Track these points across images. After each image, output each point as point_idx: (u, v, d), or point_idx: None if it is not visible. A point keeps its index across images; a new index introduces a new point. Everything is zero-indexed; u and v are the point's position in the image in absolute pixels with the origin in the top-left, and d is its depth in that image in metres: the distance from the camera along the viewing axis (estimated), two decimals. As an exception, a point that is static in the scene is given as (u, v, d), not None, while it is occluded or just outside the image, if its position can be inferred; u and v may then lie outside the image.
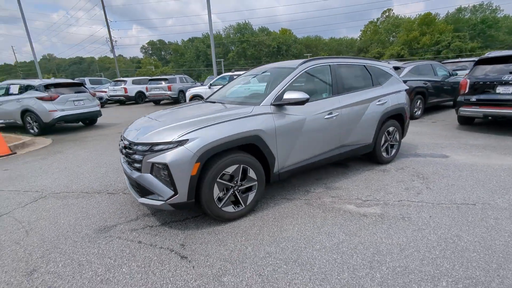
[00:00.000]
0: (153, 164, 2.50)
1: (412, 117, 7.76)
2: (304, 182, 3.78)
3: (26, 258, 2.39)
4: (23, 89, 8.75)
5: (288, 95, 2.98)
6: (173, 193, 2.50)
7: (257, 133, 2.80)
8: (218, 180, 2.64)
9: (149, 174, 2.56)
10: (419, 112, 7.86)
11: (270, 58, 54.90)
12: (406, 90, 4.52)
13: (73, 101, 8.83)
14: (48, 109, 8.26)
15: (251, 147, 2.87)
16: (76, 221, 2.99)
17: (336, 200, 3.19)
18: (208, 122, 2.68)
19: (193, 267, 2.18)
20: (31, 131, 8.57)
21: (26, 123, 8.63)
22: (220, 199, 2.72)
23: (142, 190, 2.66)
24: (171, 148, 2.48)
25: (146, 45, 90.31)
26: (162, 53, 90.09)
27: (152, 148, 2.52)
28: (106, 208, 3.24)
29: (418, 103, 7.75)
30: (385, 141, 4.23)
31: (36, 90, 8.48)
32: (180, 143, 2.48)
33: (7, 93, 8.97)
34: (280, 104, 3.01)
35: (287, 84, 3.18)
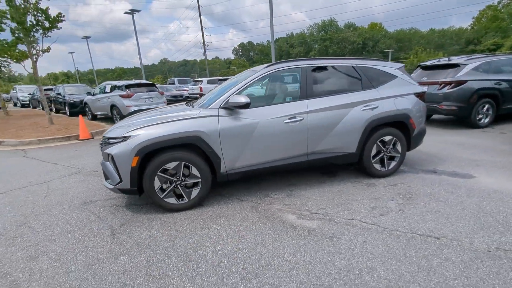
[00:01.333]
0: (107, 154, 2.98)
1: (475, 125, 6.21)
2: (271, 185, 3.67)
3: (27, 214, 3.22)
4: (113, 88, 10.98)
5: (233, 99, 3.00)
6: (119, 180, 2.93)
7: (197, 134, 2.94)
8: (158, 173, 2.92)
9: (107, 162, 3.05)
10: (486, 120, 6.23)
11: (354, 55, 51.12)
12: (419, 93, 3.78)
13: (145, 98, 10.56)
14: (125, 104, 10.15)
15: (197, 146, 3.04)
16: (77, 194, 3.78)
17: (285, 208, 3.04)
18: (155, 122, 2.99)
19: (112, 243, 2.55)
20: (115, 121, 10.67)
21: (113, 115, 10.85)
22: (163, 191, 3.00)
23: (104, 175, 3.19)
24: (117, 142, 2.90)
25: (237, 47, 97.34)
26: (250, 54, 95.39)
27: (108, 141, 3.00)
28: (103, 187, 3.96)
29: (485, 108, 6.15)
30: (379, 152, 3.66)
31: (120, 89, 10.53)
32: (124, 138, 2.88)
33: (103, 91, 11.42)
34: (227, 108, 3.06)
35: (240, 89, 3.18)
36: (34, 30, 8.51)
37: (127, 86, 10.51)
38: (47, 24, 8.88)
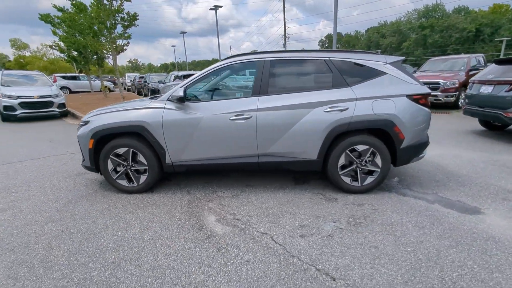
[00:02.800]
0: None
1: None
2: (229, 183, 3.52)
3: (38, 177, 4.03)
4: (175, 78, 12.27)
5: (175, 93, 2.99)
6: (83, 158, 3.34)
7: (141, 124, 3.06)
8: (111, 156, 3.20)
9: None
10: None
11: (461, 46, 41.78)
12: (416, 95, 2.93)
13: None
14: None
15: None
16: (79, 168, 4.45)
17: (216, 208, 2.90)
18: (114, 110, 3.26)
19: (58, 210, 2.96)
20: None
21: None
22: (117, 172, 3.28)
23: (82, 153, 3.69)
24: (82, 125, 3.30)
25: (323, 38, 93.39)
26: (338, 46, 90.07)
27: (81, 124, 3.44)
28: (104, 163, 4.56)
29: None
30: (351, 163, 3.04)
31: (179, 79, 11.68)
32: (86, 122, 3.25)
33: (170, 80, 12.82)
34: (172, 101, 3.06)
35: (190, 82, 3.11)
36: (115, 28, 10.21)
37: (185, 76, 11.56)
38: (126, 23, 10.53)
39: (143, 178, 3.26)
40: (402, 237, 2.28)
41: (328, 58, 3.04)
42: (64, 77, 22.52)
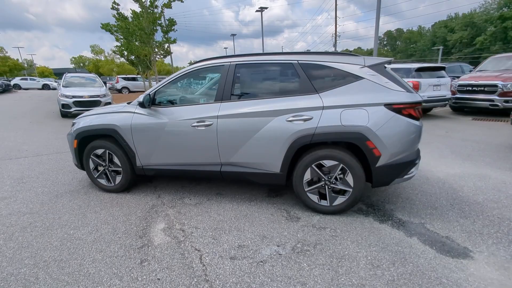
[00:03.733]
0: (69, 134, 3.71)
1: None
2: (201, 190, 3.43)
3: (50, 170, 4.50)
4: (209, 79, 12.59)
5: (138, 98, 3.00)
6: (72, 157, 3.61)
7: (113, 127, 3.16)
8: (91, 156, 3.39)
9: (75, 141, 3.80)
10: None
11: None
12: (398, 104, 2.43)
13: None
14: None
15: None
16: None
17: (172, 216, 2.83)
18: (92, 113, 3.44)
19: (40, 202, 3.25)
20: None
21: None
22: (98, 171, 3.47)
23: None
24: (71, 126, 3.56)
25: (382, 36, 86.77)
26: (398, 43, 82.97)
27: (72, 124, 3.70)
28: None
29: None
30: (319, 180, 2.67)
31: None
32: (73, 124, 3.49)
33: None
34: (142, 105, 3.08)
35: (159, 87, 3.09)
36: (153, 34, 11.01)
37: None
38: (165, 29, 11.26)
39: (118, 179, 3.38)
40: (342, 276, 1.89)
41: (296, 61, 2.71)
42: (124, 78, 25.24)
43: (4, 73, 50.37)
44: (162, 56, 15.79)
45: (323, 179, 2.65)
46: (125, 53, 16.39)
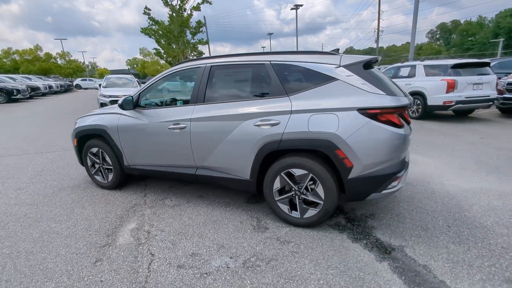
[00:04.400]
0: (75, 133, 3.97)
1: None
2: (184, 192, 3.42)
3: (68, 165, 4.91)
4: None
5: (120, 100, 3.09)
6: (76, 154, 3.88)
7: (103, 127, 3.31)
8: (88, 154, 3.60)
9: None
10: None
11: None
12: (374, 109, 2.11)
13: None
14: None
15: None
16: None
17: (147, 215, 2.86)
18: (91, 114, 3.63)
19: (36, 193, 3.54)
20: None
21: None
22: (95, 168, 3.67)
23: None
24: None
25: (434, 29, 79.29)
26: (453, 36, 74.99)
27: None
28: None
29: None
30: (290, 190, 2.46)
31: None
32: (75, 123, 3.73)
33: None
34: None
35: (143, 89, 3.13)
36: (181, 37, 11.43)
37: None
38: (193, 31, 11.62)
39: (110, 176, 3.54)
40: (281, 299, 1.71)
41: (268, 62, 2.52)
42: (164, 79, 26.77)
43: (70, 74, 56.96)
44: (195, 57, 16.39)
45: (293, 189, 2.44)
46: (164, 55, 17.38)
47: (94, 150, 3.51)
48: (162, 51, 16.31)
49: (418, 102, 7.55)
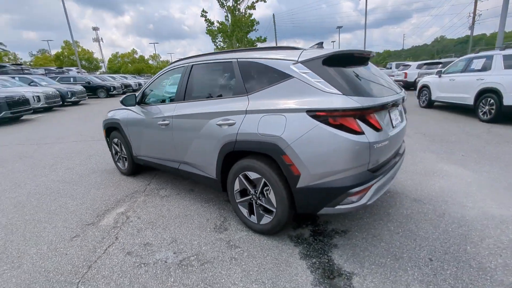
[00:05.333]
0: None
1: None
2: (178, 184, 3.60)
3: (97, 153, 5.71)
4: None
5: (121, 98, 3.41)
6: (107, 142, 4.48)
7: (117, 121, 3.73)
8: (113, 144, 4.12)
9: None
10: None
11: None
12: (325, 111, 1.80)
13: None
14: None
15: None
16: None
17: (138, 204, 3.12)
18: (116, 108, 4.12)
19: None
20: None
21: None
22: (117, 156, 4.18)
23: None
24: (106, 118, 4.40)
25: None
26: None
27: None
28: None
29: None
30: (248, 193, 2.32)
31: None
32: (106, 115, 4.30)
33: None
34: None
35: (146, 86, 3.38)
36: (233, 36, 11.81)
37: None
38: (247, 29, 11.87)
39: (126, 164, 3.98)
40: (186, 304, 1.65)
41: (235, 60, 2.41)
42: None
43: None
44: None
45: (251, 193, 2.31)
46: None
47: (115, 140, 4.00)
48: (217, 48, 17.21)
49: (492, 101, 6.01)
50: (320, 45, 2.52)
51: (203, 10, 11.68)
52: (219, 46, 13.30)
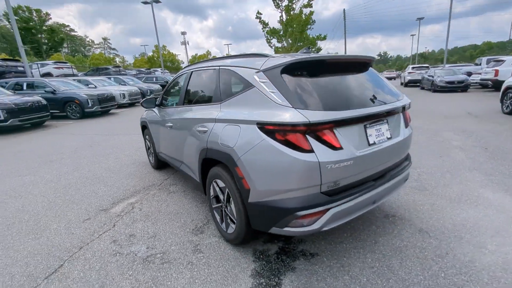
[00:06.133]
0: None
1: None
2: (186, 181, 3.70)
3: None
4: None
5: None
6: (145, 138, 5.03)
7: (145, 120, 4.18)
8: (145, 140, 4.60)
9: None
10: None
11: None
12: (267, 125, 1.65)
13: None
14: None
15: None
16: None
17: (147, 195, 3.43)
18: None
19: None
20: None
21: None
22: (149, 151, 4.66)
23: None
24: (144, 117, 4.93)
25: None
26: None
27: None
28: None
29: None
30: (221, 201, 2.30)
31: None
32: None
33: None
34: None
35: (165, 89, 3.65)
36: (286, 36, 11.62)
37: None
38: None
39: (153, 158, 4.41)
40: None
41: (218, 67, 2.39)
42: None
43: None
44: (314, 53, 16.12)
45: (220, 201, 2.28)
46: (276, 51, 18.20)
47: (147, 136, 4.47)
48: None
49: None
50: (307, 49, 2.30)
51: (258, 12, 11.86)
52: (273, 47, 13.36)
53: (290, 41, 12.25)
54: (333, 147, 1.62)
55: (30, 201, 3.41)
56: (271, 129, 1.67)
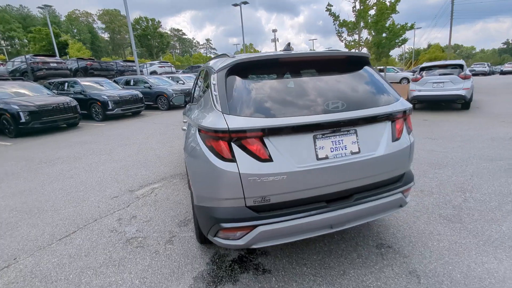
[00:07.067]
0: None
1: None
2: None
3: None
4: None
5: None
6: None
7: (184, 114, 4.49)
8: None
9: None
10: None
11: None
12: (202, 130, 1.53)
13: (433, 82, 8.43)
14: (410, 88, 8.86)
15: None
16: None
17: (169, 184, 3.76)
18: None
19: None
20: None
21: None
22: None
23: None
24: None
25: None
26: None
27: None
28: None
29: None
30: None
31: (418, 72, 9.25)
32: (186, 111, 5.26)
33: None
34: None
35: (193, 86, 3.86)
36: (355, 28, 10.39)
37: (422, 69, 8.94)
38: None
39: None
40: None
41: (205, 67, 2.40)
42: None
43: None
44: (398, 45, 13.90)
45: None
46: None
47: (185, 130, 4.88)
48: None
49: None
50: (287, 47, 2.02)
51: (328, 4, 10.85)
52: (343, 41, 12.05)
53: (367, 34, 10.90)
54: (259, 159, 1.41)
55: (93, 175, 4.24)
56: (203, 134, 1.58)
